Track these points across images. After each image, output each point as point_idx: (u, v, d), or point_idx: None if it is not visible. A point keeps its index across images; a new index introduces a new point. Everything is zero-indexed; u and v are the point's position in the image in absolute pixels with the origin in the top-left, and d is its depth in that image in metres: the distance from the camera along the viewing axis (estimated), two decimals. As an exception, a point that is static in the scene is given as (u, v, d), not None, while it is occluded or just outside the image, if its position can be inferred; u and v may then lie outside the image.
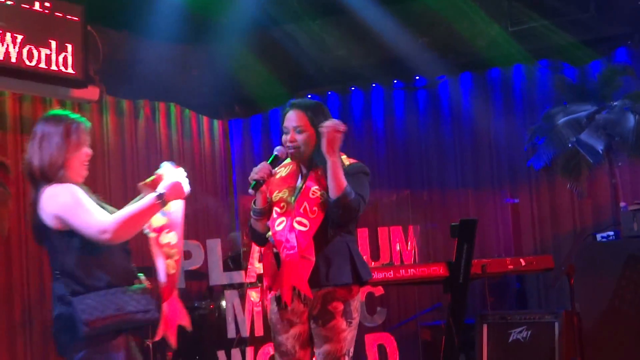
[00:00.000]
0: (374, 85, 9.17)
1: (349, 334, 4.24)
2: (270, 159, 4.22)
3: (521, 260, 6.26)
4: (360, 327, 7.09)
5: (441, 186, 8.83)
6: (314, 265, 4.15)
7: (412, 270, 6.01)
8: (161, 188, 3.75)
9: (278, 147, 4.26)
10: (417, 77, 8.97)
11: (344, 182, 4.08)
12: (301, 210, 4.16)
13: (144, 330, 7.82)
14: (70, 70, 6.95)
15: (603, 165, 7.62)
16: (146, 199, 3.72)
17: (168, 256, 3.90)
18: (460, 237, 5.86)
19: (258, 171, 4.15)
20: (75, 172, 3.76)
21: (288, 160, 4.36)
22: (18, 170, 7.52)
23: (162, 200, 3.73)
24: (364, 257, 7.02)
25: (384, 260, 7.05)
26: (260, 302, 6.85)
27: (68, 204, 3.65)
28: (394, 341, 7.11)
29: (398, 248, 7.07)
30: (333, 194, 4.07)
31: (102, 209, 3.72)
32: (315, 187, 4.19)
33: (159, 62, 8.10)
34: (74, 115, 3.80)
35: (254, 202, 4.26)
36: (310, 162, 4.27)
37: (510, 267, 6.19)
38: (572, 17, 7.38)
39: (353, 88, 9.29)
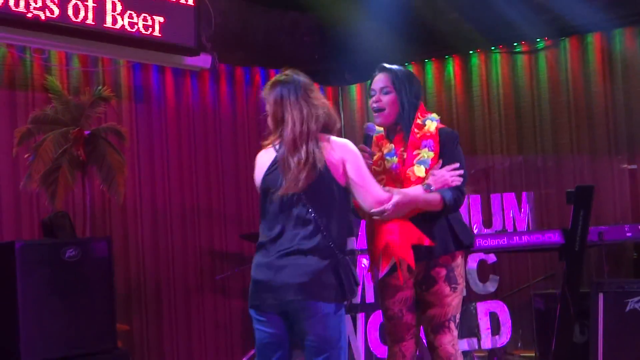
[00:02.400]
0: (489, 48, 8.98)
1: (454, 300, 4.25)
2: (364, 139, 4.27)
3: (640, 227, 6.10)
4: (472, 294, 7.08)
5: (555, 152, 8.62)
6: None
7: (526, 237, 5.93)
8: (430, 180, 4.08)
9: (366, 125, 4.32)
10: (523, 42, 8.76)
11: (436, 201, 4.15)
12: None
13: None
14: (183, 38, 7.04)
15: None
16: (418, 190, 4.06)
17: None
18: (577, 203, 5.74)
19: None
20: None
21: (381, 130, 4.42)
22: (133, 137, 7.68)
23: (431, 190, 4.06)
24: (475, 225, 6.99)
25: (496, 227, 6.95)
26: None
27: (358, 158, 3.84)
28: (506, 309, 7.02)
29: (511, 215, 6.97)
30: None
31: None
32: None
33: (270, 29, 8.12)
34: None
35: None
36: (395, 127, 4.35)
37: (629, 234, 6.04)
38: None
39: (468, 52, 9.12)
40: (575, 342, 6.18)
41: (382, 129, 4.41)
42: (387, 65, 4.38)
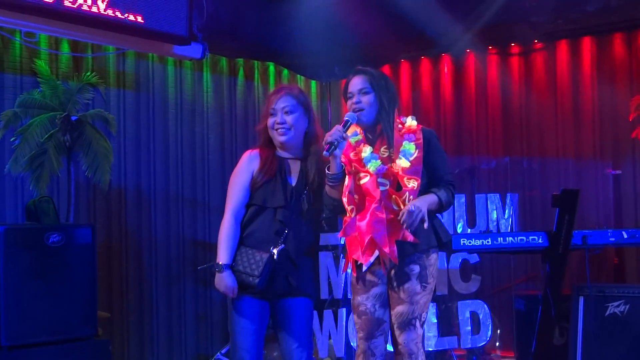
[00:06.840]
0: (468, 50, 9.00)
1: (422, 298, 4.32)
2: (343, 124, 4.31)
3: (623, 232, 6.14)
4: (454, 294, 7.10)
5: (541, 154, 8.66)
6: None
7: (510, 238, 5.95)
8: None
9: (348, 113, 4.38)
10: (513, 44, 8.78)
11: (437, 201, 4.34)
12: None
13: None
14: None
15: None
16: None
17: None
18: (562, 207, 5.78)
19: (332, 134, 4.22)
20: None
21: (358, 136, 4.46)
22: (120, 124, 7.66)
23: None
24: (461, 222, 7.01)
25: (480, 228, 6.98)
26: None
27: None
28: (487, 309, 7.05)
29: (495, 216, 6.99)
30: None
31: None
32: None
33: (260, 22, 8.09)
34: None
35: (328, 169, 4.31)
36: (375, 128, 4.43)
37: (612, 239, 6.08)
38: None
39: (459, 52, 9.12)
40: (555, 344, 6.22)
41: (359, 131, 4.43)
42: (362, 68, 4.48)
